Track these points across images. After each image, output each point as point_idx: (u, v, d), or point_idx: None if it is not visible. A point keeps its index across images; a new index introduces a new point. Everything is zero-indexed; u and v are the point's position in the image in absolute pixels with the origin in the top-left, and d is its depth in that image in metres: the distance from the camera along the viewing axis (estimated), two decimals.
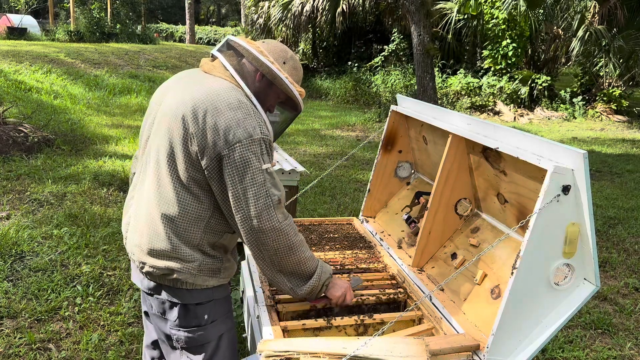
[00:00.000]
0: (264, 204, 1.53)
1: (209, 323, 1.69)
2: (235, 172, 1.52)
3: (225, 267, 1.71)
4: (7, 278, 3.41)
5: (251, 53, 1.66)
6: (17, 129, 6.45)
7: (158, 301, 1.70)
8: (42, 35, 19.31)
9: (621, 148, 9.61)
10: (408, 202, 2.54)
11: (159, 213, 1.61)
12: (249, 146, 1.52)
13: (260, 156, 1.54)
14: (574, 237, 1.60)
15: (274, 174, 1.58)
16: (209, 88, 1.59)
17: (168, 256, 1.61)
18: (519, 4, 11.98)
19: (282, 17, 15.90)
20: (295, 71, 1.74)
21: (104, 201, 4.94)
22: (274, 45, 1.73)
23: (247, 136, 1.52)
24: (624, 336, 3.21)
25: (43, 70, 11.45)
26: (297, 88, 1.73)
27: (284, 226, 1.57)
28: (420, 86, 10.03)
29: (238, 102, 1.57)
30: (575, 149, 1.51)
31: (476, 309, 1.85)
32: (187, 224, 1.60)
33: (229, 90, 1.60)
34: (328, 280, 1.73)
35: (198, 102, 1.56)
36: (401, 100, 2.63)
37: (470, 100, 13.11)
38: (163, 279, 1.65)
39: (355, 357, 1.50)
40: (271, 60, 1.68)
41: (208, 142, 1.52)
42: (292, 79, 1.71)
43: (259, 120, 1.58)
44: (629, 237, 4.88)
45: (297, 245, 1.61)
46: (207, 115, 1.53)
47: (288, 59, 1.72)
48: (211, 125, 1.52)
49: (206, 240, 1.64)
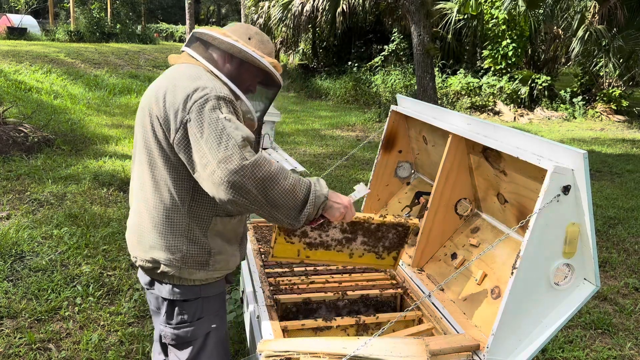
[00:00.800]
0: (227, 147, 1.43)
1: (195, 320, 1.69)
2: (196, 130, 1.48)
3: (215, 260, 1.66)
4: (7, 278, 3.41)
5: (215, 37, 1.67)
6: (17, 129, 6.45)
7: (153, 296, 1.74)
8: (42, 35, 19.32)
9: (621, 148, 9.61)
10: (408, 202, 2.54)
11: (144, 204, 1.64)
12: (205, 103, 1.50)
13: (218, 109, 1.50)
14: (574, 237, 1.60)
15: (236, 121, 1.51)
16: (171, 72, 1.63)
17: (153, 247, 1.63)
18: (519, 4, 11.98)
19: (282, 17, 15.90)
20: (262, 44, 1.72)
21: (104, 201, 4.94)
22: (238, 26, 1.75)
23: (203, 95, 1.50)
24: (624, 336, 3.21)
25: (43, 70, 11.45)
26: (267, 59, 1.70)
27: (256, 160, 1.44)
28: (420, 86, 10.02)
29: (196, 73, 1.58)
30: (575, 149, 1.51)
31: (476, 309, 1.85)
32: (169, 210, 1.60)
33: (191, 68, 1.62)
34: (324, 204, 1.57)
35: (159, 87, 1.59)
36: (401, 100, 2.63)
37: (470, 100, 13.11)
38: (153, 273, 1.68)
39: (355, 357, 1.50)
40: (235, 38, 1.68)
41: (170, 116, 1.53)
42: (261, 52, 1.70)
43: (218, 86, 1.56)
44: (629, 237, 4.88)
45: (276, 173, 1.46)
46: (167, 94, 1.55)
47: (253, 34, 1.71)
48: (171, 100, 1.53)
49: (194, 227, 1.62)
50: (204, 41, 1.70)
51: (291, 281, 2.15)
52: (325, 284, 2.17)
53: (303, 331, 1.91)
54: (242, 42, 1.68)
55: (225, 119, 1.48)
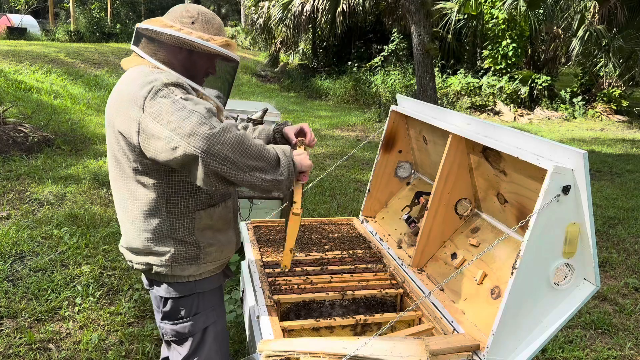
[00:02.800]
0: (191, 121, 1.38)
1: (191, 315, 1.71)
2: (156, 121, 1.42)
3: (206, 253, 1.68)
4: (7, 278, 3.41)
5: (157, 32, 1.59)
6: (17, 129, 6.45)
7: (153, 295, 1.77)
8: (42, 35, 19.32)
9: (621, 148, 9.60)
10: (408, 202, 2.54)
11: (123, 212, 1.66)
12: (156, 93, 1.45)
13: (169, 94, 1.45)
14: (574, 237, 1.60)
15: (194, 98, 1.48)
16: (122, 81, 1.59)
17: (143, 252, 1.65)
18: (519, 4, 11.98)
19: (282, 17, 15.90)
20: (208, 25, 1.63)
21: (104, 201, 4.94)
22: (178, 11, 1.64)
23: (151, 88, 1.46)
24: (624, 336, 3.21)
25: (43, 70, 11.45)
26: (216, 41, 1.62)
27: (224, 125, 1.42)
28: (420, 86, 10.02)
29: (136, 73, 1.54)
30: (575, 149, 1.51)
31: (476, 309, 1.85)
32: (148, 216, 1.61)
33: (139, 70, 1.57)
34: (291, 154, 1.55)
35: (112, 99, 1.58)
36: (401, 100, 2.63)
37: (470, 100, 13.11)
38: (149, 274, 1.70)
39: (355, 357, 1.50)
40: (178, 27, 1.59)
41: (127, 123, 1.49)
42: (208, 34, 1.62)
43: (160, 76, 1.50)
44: (629, 237, 4.88)
45: (244, 135, 1.45)
46: (120, 103, 1.52)
47: (195, 16, 1.62)
48: (123, 108, 1.50)
49: (178, 228, 1.62)
50: (149, 37, 1.61)
51: (291, 281, 2.15)
52: (325, 284, 2.17)
53: (303, 331, 1.91)
54: (185, 30, 1.59)
55: (182, 99, 1.45)
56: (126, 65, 1.65)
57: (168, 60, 1.60)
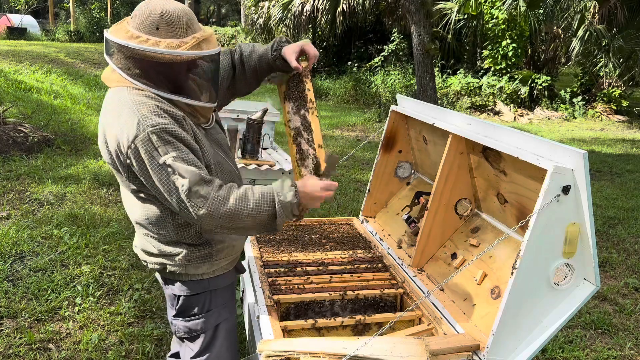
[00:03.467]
0: (177, 199, 1.45)
1: (204, 312, 1.72)
2: (144, 177, 1.48)
3: (218, 250, 1.68)
4: (7, 278, 3.41)
5: (123, 46, 1.46)
6: (17, 129, 6.45)
7: (167, 293, 1.78)
8: (42, 35, 19.32)
9: (621, 148, 9.60)
10: (408, 202, 2.54)
11: (133, 220, 1.69)
12: (138, 149, 1.43)
13: (153, 152, 1.42)
14: (574, 237, 1.60)
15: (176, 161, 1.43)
16: (104, 106, 1.55)
17: (157, 255, 1.67)
18: (519, 4, 11.98)
19: (282, 17, 15.90)
20: (173, 26, 1.46)
21: (104, 201, 4.94)
22: (140, 14, 1.47)
23: (132, 138, 1.42)
24: (624, 336, 3.21)
25: (43, 70, 11.45)
26: (187, 45, 1.47)
27: (208, 210, 1.44)
28: (420, 86, 10.02)
29: (119, 105, 1.47)
30: (575, 149, 1.51)
31: (476, 309, 1.85)
32: (155, 226, 1.62)
33: (113, 96, 1.52)
34: (294, 207, 1.52)
35: (100, 127, 1.55)
36: (401, 100, 2.63)
37: (470, 100, 13.10)
38: (163, 273, 1.72)
39: (355, 357, 1.50)
40: (144, 37, 1.45)
41: (115, 160, 1.51)
42: (177, 39, 1.46)
43: (144, 112, 1.43)
44: (629, 237, 4.88)
45: (234, 206, 1.46)
46: (107, 136, 1.50)
47: (158, 20, 1.45)
48: (109, 144, 1.50)
49: (185, 234, 1.63)
50: (119, 49, 1.49)
51: (291, 281, 2.15)
52: (325, 284, 2.17)
53: (303, 331, 1.91)
54: (152, 41, 1.44)
55: (165, 164, 1.43)
56: (107, 81, 1.56)
57: (146, 77, 1.50)
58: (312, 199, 1.57)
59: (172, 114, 1.49)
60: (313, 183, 1.59)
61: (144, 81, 1.50)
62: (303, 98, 1.88)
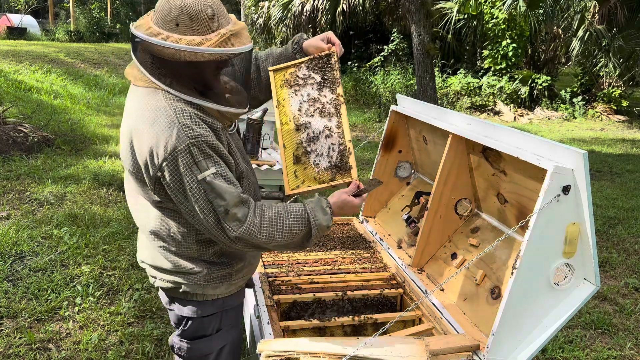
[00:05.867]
0: (214, 221, 1.37)
1: (214, 333, 1.65)
2: (176, 192, 1.37)
3: (237, 269, 1.61)
4: (7, 278, 3.41)
5: (145, 43, 1.36)
6: (17, 129, 6.45)
7: (173, 313, 1.67)
8: (42, 35, 19.32)
9: (621, 148, 9.60)
10: (408, 202, 2.54)
11: (147, 230, 1.55)
12: (176, 161, 1.33)
13: (191, 166, 1.34)
14: (574, 237, 1.60)
15: (216, 179, 1.36)
16: (132, 108, 1.44)
17: (172, 272, 1.56)
18: (519, 4, 11.97)
19: (282, 17, 15.90)
20: (194, 22, 1.34)
21: (104, 201, 4.94)
22: (161, 10, 1.37)
23: (171, 150, 1.33)
24: (624, 336, 3.21)
25: (43, 70, 11.45)
26: (211, 41, 1.35)
27: (242, 234, 1.39)
28: (420, 86, 10.02)
29: (155, 111, 1.37)
30: (575, 149, 1.51)
31: (476, 309, 1.85)
32: (176, 240, 1.52)
33: (145, 98, 1.40)
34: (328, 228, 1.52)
35: (126, 130, 1.44)
36: (401, 100, 2.62)
37: (470, 100, 13.10)
38: (175, 292, 1.61)
39: (355, 357, 1.50)
40: (165, 35, 1.34)
41: (143, 170, 1.41)
42: (199, 36, 1.35)
43: (184, 121, 1.35)
44: (629, 237, 4.87)
45: (269, 234, 1.43)
46: (134, 142, 1.40)
47: (178, 16, 1.34)
48: (138, 152, 1.39)
49: (207, 251, 1.54)
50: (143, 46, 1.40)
51: (291, 281, 2.15)
52: (325, 284, 2.17)
53: (303, 331, 1.91)
54: (173, 38, 1.34)
55: (205, 182, 1.34)
56: (133, 79, 1.46)
57: (174, 79, 1.40)
58: (343, 215, 1.60)
59: (211, 124, 1.40)
60: (351, 205, 1.58)
61: (170, 82, 1.39)
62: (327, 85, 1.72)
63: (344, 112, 1.71)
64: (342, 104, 1.72)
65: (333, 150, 1.69)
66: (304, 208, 1.49)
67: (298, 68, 1.75)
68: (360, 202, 1.60)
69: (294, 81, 1.74)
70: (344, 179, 1.65)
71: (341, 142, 1.69)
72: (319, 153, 1.69)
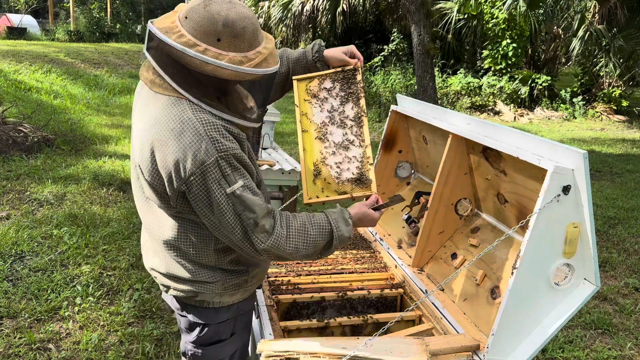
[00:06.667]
0: (241, 234, 1.37)
1: (229, 338, 1.65)
2: (202, 206, 1.35)
3: (253, 276, 1.61)
4: (7, 278, 3.41)
5: (176, 50, 1.29)
6: (17, 129, 6.45)
7: (185, 319, 1.65)
8: (42, 35, 19.33)
9: (621, 148, 9.60)
10: (408, 202, 2.54)
11: (160, 239, 1.52)
12: (205, 175, 1.31)
13: (220, 180, 1.32)
14: (574, 237, 1.60)
15: (244, 192, 1.35)
16: (154, 118, 1.37)
17: (189, 281, 1.54)
18: (519, 4, 11.97)
19: (282, 17, 15.91)
20: (237, 40, 1.31)
21: (104, 201, 4.94)
22: (199, 21, 1.30)
23: (199, 164, 1.30)
24: (624, 336, 3.21)
25: (43, 70, 11.45)
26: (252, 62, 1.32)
27: (270, 246, 1.39)
28: (420, 86, 10.02)
29: (181, 123, 1.32)
30: (575, 149, 1.51)
31: (476, 309, 1.85)
32: (196, 249, 1.49)
33: (170, 109, 1.34)
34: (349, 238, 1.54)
35: (146, 140, 1.37)
36: (401, 100, 2.62)
37: (470, 100, 13.10)
38: (190, 300, 1.59)
39: (355, 357, 1.50)
40: (203, 47, 1.29)
41: (166, 182, 1.36)
42: (240, 53, 1.32)
43: (213, 134, 1.32)
44: (629, 237, 4.88)
45: (295, 246, 1.44)
46: (156, 152, 1.35)
47: (221, 31, 1.29)
48: (161, 164, 1.35)
49: (224, 259, 1.53)
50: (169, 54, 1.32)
51: (291, 281, 2.15)
52: (325, 284, 2.17)
53: (303, 331, 1.91)
54: (212, 53, 1.29)
55: (234, 195, 1.33)
56: (150, 84, 1.40)
57: (201, 90, 1.35)
58: (364, 225, 1.64)
59: (237, 135, 1.38)
60: (370, 218, 1.63)
61: (198, 94, 1.35)
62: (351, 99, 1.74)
63: (365, 125, 1.73)
64: (364, 117, 1.74)
65: (353, 163, 1.72)
66: (327, 219, 1.50)
67: (323, 79, 1.78)
68: (380, 216, 1.65)
69: (318, 92, 1.77)
70: (364, 191, 1.69)
71: (362, 154, 1.72)
72: (340, 164, 1.72)
